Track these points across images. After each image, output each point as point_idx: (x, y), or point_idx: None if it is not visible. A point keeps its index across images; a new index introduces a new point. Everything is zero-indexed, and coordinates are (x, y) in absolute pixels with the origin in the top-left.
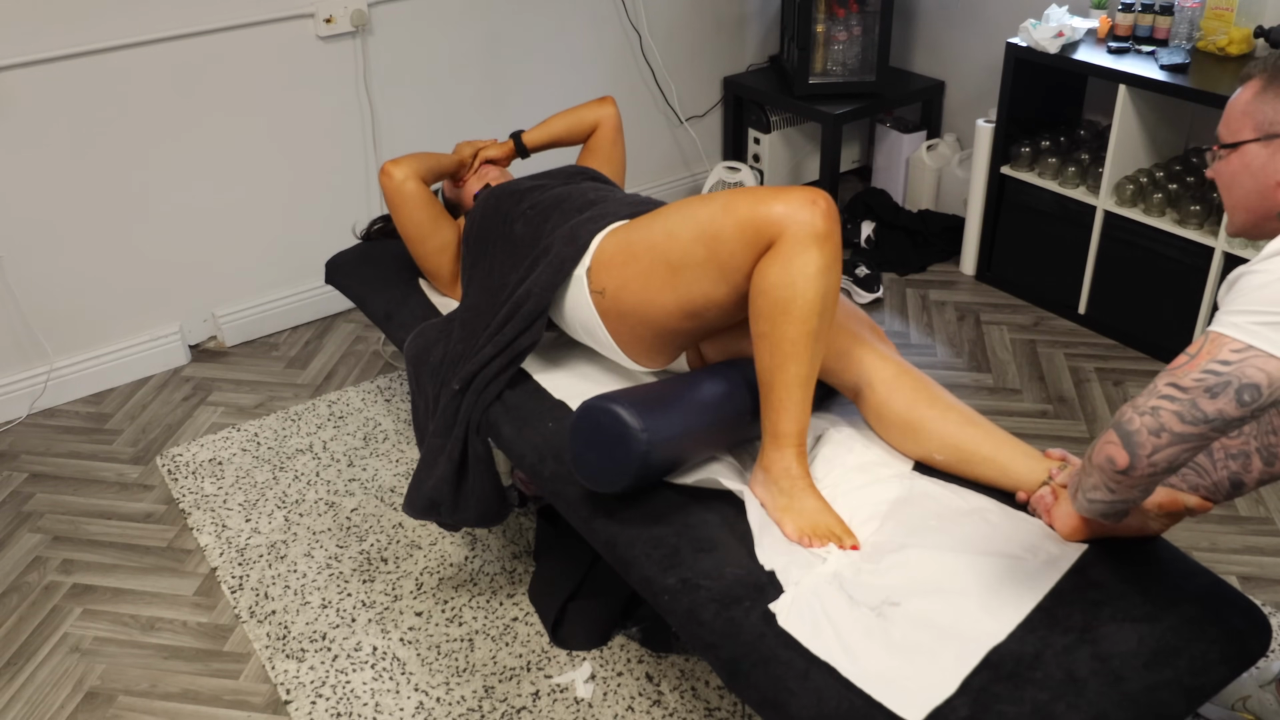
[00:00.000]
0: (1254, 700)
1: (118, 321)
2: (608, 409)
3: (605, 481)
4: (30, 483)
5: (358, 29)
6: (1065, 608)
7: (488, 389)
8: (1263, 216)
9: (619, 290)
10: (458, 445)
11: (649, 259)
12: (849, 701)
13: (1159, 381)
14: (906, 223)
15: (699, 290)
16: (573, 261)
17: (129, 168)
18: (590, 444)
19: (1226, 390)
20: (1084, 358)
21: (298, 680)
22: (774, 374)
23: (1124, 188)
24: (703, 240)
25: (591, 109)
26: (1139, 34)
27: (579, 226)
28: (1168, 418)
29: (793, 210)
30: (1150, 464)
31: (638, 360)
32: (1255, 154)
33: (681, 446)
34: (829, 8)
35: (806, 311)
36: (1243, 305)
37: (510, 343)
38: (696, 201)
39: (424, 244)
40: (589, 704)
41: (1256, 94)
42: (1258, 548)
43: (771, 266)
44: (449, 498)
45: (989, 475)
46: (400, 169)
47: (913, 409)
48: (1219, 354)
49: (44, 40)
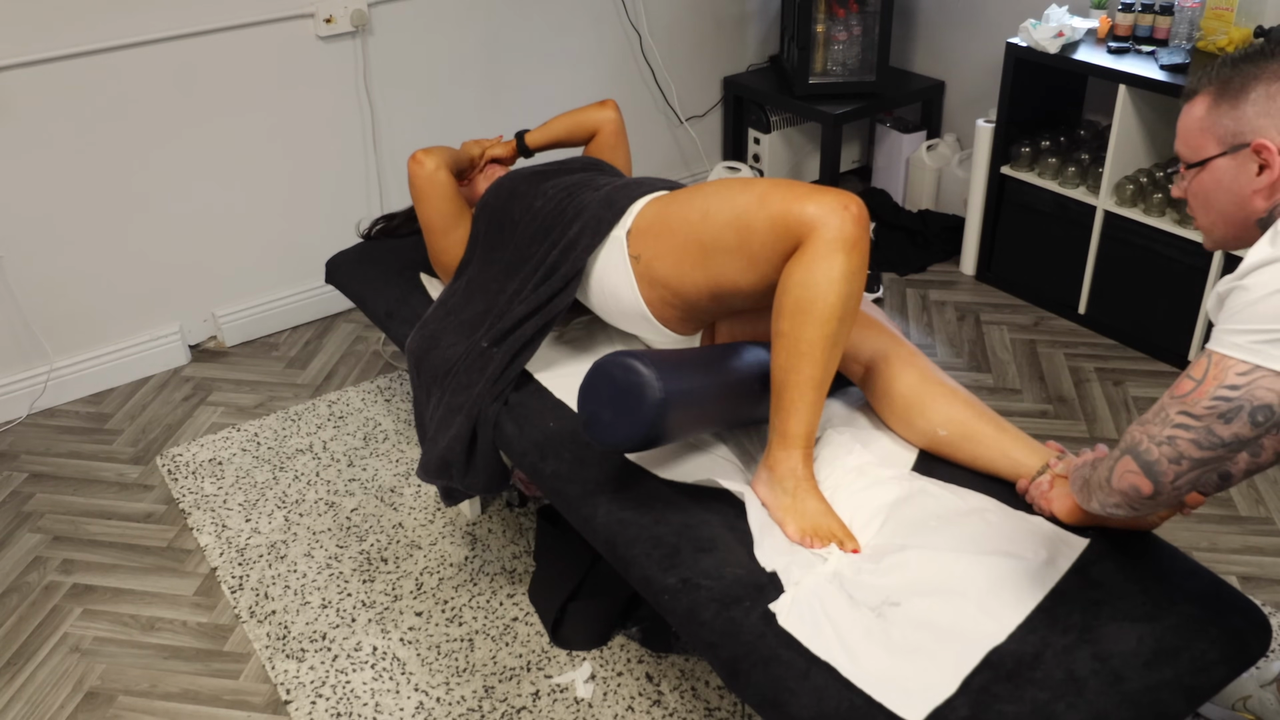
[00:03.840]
0: (1254, 700)
1: (118, 321)
2: (622, 361)
3: (618, 436)
4: (30, 483)
5: (358, 29)
6: (1065, 608)
7: (522, 352)
8: (1242, 227)
9: (652, 259)
10: (478, 402)
11: (684, 235)
12: (849, 701)
13: (1170, 409)
14: (906, 223)
15: (727, 275)
16: (610, 223)
17: (129, 168)
18: (604, 399)
19: (1240, 415)
20: (1084, 358)
21: (298, 680)
22: (789, 374)
23: (1124, 188)
24: (735, 227)
25: (592, 112)
26: (1139, 34)
27: (615, 193)
28: (1185, 446)
29: (825, 213)
30: (1175, 488)
31: (667, 325)
32: (1224, 168)
33: (695, 406)
34: (829, 8)
35: (827, 314)
36: (1240, 323)
37: (545, 303)
38: (737, 186)
39: (446, 236)
40: (589, 704)
41: (1209, 108)
42: (1258, 548)
43: (798, 267)
44: (461, 458)
45: (990, 456)
46: (432, 158)
47: (921, 385)
48: (1226, 378)
49: (44, 40)
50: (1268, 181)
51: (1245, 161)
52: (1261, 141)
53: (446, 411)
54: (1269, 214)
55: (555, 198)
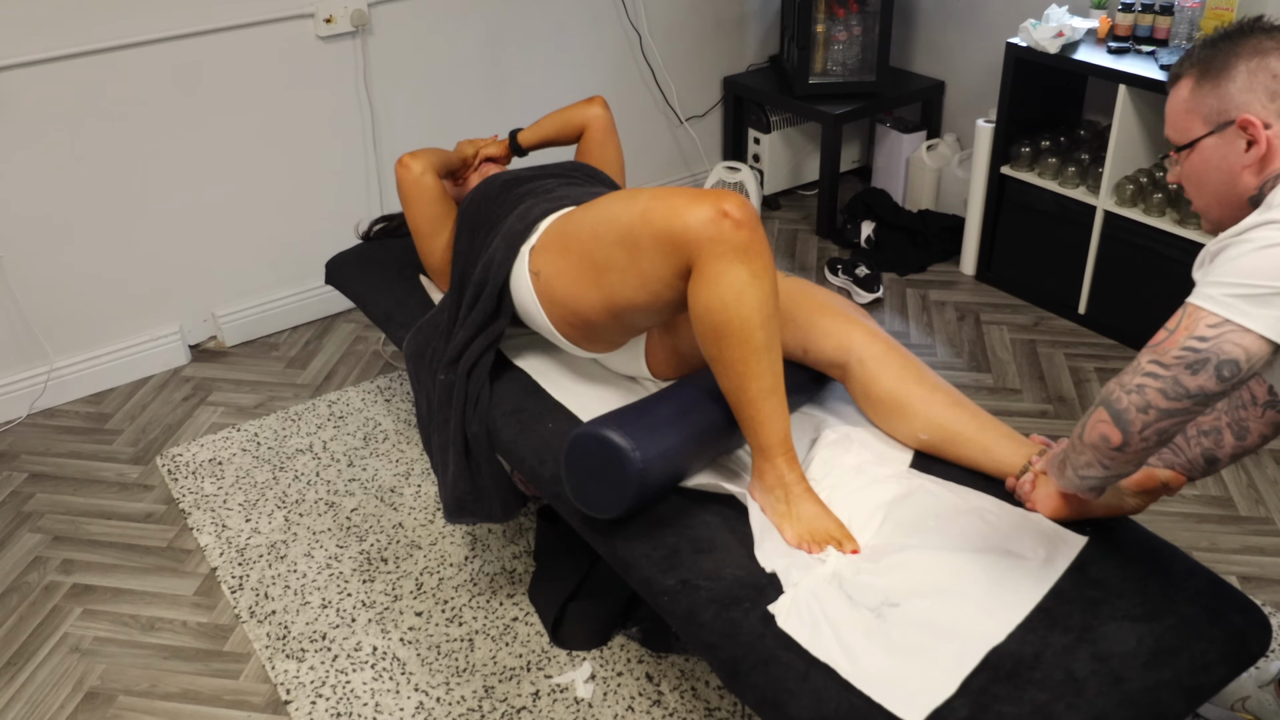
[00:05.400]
0: (1253, 701)
1: (118, 321)
2: (597, 435)
3: (607, 506)
4: (30, 483)
5: (358, 29)
6: (1065, 607)
7: (473, 372)
8: (1235, 206)
9: (551, 278)
10: (459, 434)
11: (577, 253)
12: (848, 702)
13: (1142, 358)
14: (906, 223)
15: (622, 294)
16: (521, 237)
17: (129, 167)
18: (586, 473)
19: (1206, 366)
20: (1084, 358)
21: (298, 680)
22: (738, 394)
23: (1124, 188)
24: (623, 246)
25: (580, 110)
26: (1139, 34)
27: (534, 206)
28: (1153, 395)
29: (705, 226)
30: (1142, 439)
31: (577, 345)
32: (1213, 147)
33: (676, 461)
34: (829, 8)
35: (746, 329)
36: (1219, 276)
37: (483, 325)
38: (621, 202)
39: (434, 239)
40: (589, 704)
41: (1193, 89)
42: (1258, 548)
43: (699, 290)
44: (469, 491)
45: (972, 456)
46: (419, 162)
47: (901, 386)
48: (1196, 329)
49: (44, 40)
50: (1256, 156)
51: (1233, 139)
52: (1246, 117)
53: (439, 450)
54: (1259, 190)
55: (508, 205)
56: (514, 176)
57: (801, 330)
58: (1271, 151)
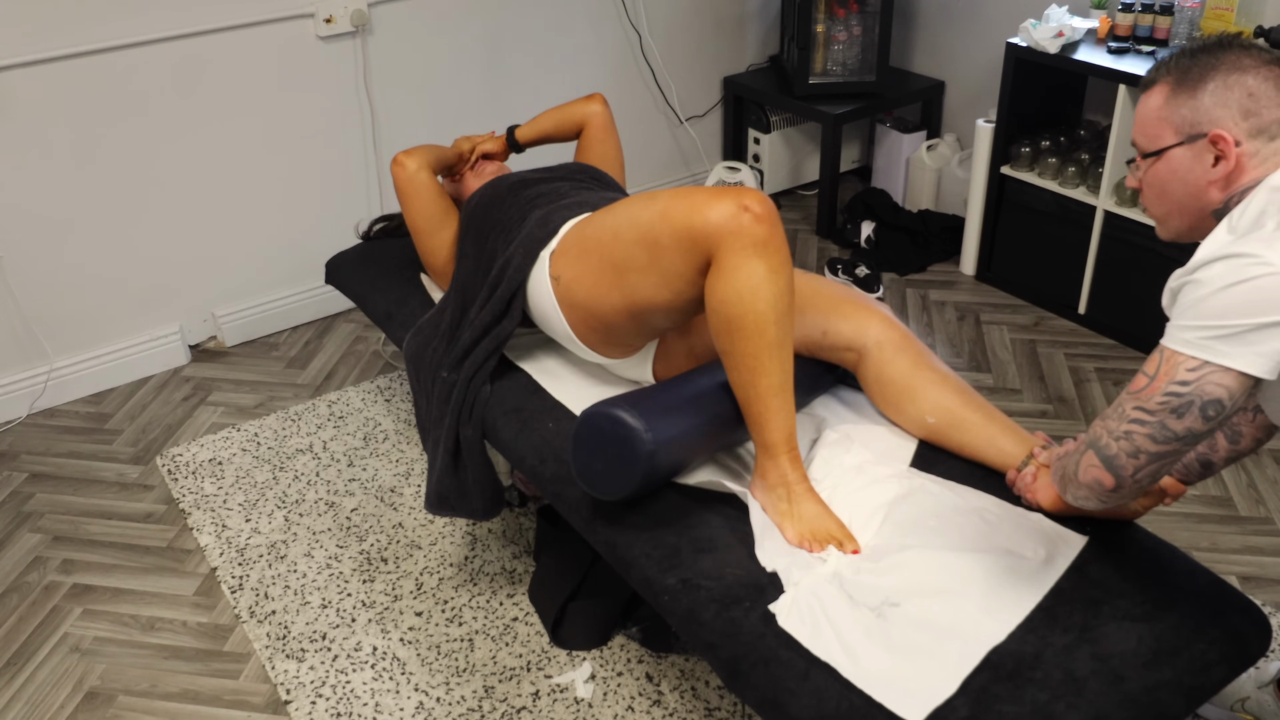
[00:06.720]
0: (1253, 701)
1: (118, 321)
2: (610, 414)
3: (612, 487)
4: (30, 483)
5: (358, 29)
6: (1065, 607)
7: (476, 375)
8: (1198, 218)
9: (571, 282)
10: (451, 434)
11: (597, 256)
12: (849, 702)
13: (1126, 405)
14: (906, 223)
15: (643, 294)
16: (541, 242)
17: (129, 167)
18: (594, 452)
19: (1191, 409)
20: (1084, 358)
21: (298, 680)
22: (747, 389)
23: (1124, 188)
24: (643, 245)
25: (579, 107)
26: (1139, 34)
27: (554, 212)
28: (1141, 440)
29: (726, 220)
30: (1135, 481)
31: (595, 349)
32: (1180, 158)
33: (685, 447)
34: (829, 8)
35: (761, 324)
36: (1190, 319)
37: (489, 327)
38: (641, 203)
39: (432, 237)
40: (589, 704)
41: (1168, 98)
42: (1258, 548)
43: (717, 283)
44: (453, 489)
45: (977, 444)
46: (413, 159)
47: (914, 370)
48: (1176, 374)
49: (44, 40)
50: (1223, 172)
51: (1202, 152)
52: (1218, 132)
53: (432, 445)
54: (1224, 205)
55: (519, 208)
56: (521, 179)
57: (823, 314)
58: (1239, 169)
